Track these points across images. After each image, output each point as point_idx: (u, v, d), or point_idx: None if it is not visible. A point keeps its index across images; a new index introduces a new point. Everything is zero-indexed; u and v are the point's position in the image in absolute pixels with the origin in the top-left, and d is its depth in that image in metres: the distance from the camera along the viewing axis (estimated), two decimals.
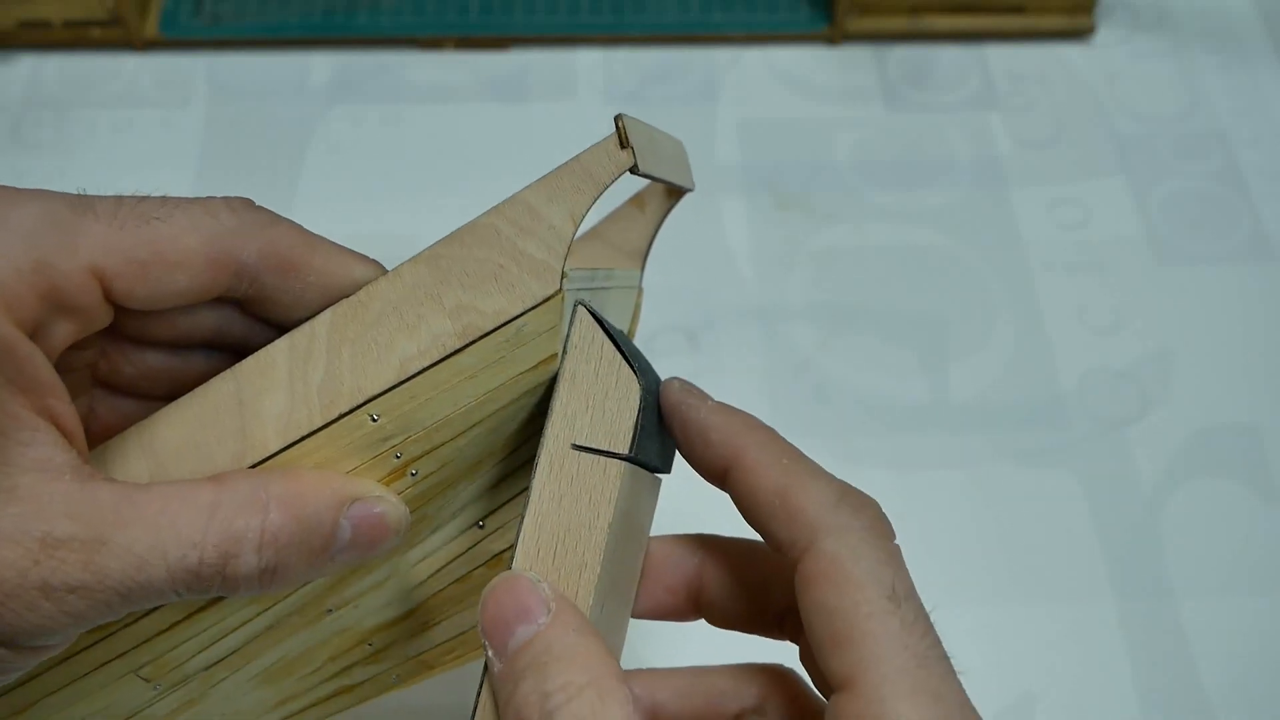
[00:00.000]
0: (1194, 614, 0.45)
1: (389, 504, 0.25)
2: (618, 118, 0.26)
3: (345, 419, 0.25)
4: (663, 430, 0.28)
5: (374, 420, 0.25)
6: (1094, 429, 0.49)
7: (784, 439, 0.26)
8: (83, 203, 0.24)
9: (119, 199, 0.24)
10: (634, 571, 0.29)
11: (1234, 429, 0.49)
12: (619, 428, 0.26)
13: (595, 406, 0.26)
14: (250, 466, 0.24)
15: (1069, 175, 0.57)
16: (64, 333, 0.24)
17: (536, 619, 0.23)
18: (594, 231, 0.34)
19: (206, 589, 0.23)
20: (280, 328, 0.26)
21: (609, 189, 0.26)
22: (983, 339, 0.51)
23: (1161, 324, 0.52)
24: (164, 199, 0.25)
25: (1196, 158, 0.57)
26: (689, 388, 0.27)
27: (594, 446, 0.26)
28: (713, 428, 0.26)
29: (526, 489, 0.26)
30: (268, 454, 0.24)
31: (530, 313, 0.25)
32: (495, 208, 0.26)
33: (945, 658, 0.23)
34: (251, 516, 0.23)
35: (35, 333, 0.23)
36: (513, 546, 0.25)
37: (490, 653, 0.24)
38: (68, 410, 0.23)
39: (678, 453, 0.28)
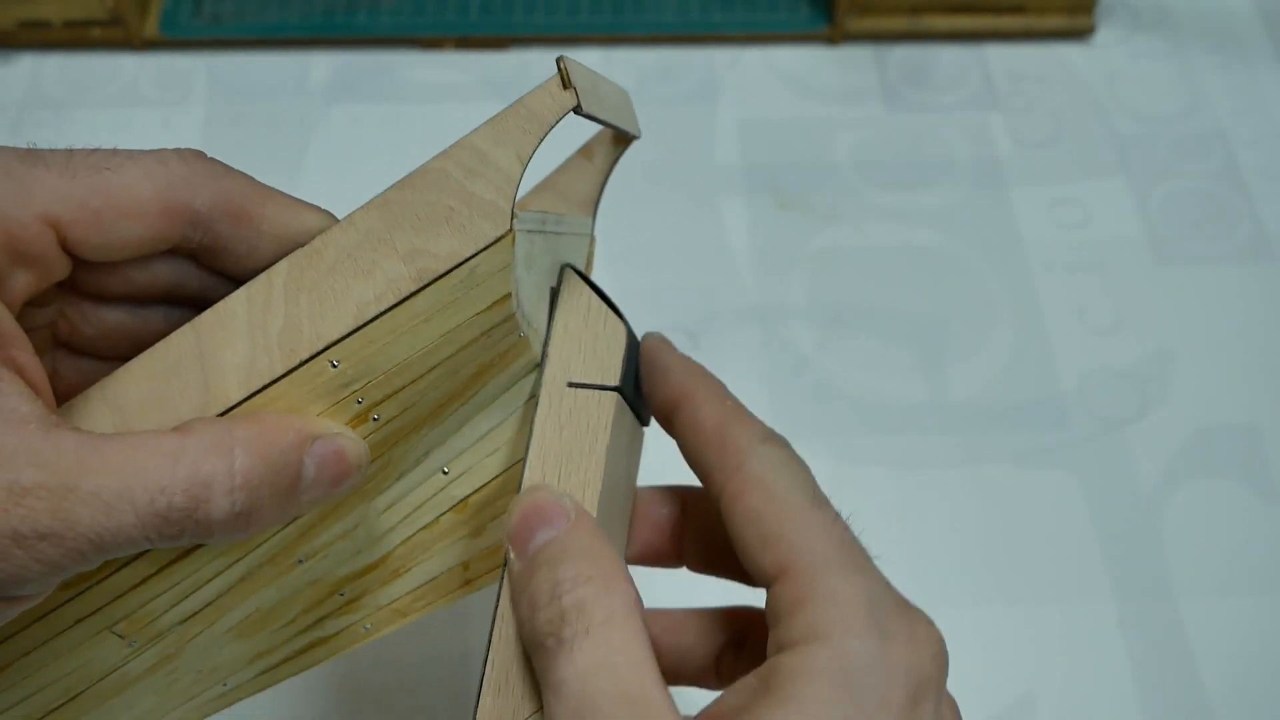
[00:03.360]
0: (1194, 614, 0.45)
1: (348, 439, 0.26)
2: (559, 59, 0.26)
3: (306, 366, 0.25)
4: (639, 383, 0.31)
5: (334, 366, 0.25)
6: (1094, 429, 0.49)
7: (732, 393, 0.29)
8: (32, 155, 0.24)
9: (70, 151, 0.24)
10: (624, 519, 0.31)
11: (1234, 429, 0.49)
12: (609, 364, 0.29)
13: (586, 349, 0.29)
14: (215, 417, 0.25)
15: (1069, 175, 0.57)
16: (22, 283, 0.24)
17: (557, 525, 0.26)
18: (544, 183, 0.35)
19: (179, 534, 0.23)
20: (237, 281, 0.26)
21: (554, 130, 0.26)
22: (983, 339, 0.51)
23: (1161, 324, 0.52)
24: (115, 150, 0.25)
25: (1196, 158, 0.57)
26: (664, 339, 0.31)
27: (587, 382, 0.29)
28: (674, 368, 0.29)
29: (529, 425, 0.28)
30: (230, 404, 0.25)
31: (482, 254, 0.25)
32: (444, 151, 0.26)
33: (866, 548, 0.26)
34: (219, 460, 0.23)
35: None
36: (501, 497, 0.28)
37: (512, 555, 0.26)
38: (32, 361, 0.24)
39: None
